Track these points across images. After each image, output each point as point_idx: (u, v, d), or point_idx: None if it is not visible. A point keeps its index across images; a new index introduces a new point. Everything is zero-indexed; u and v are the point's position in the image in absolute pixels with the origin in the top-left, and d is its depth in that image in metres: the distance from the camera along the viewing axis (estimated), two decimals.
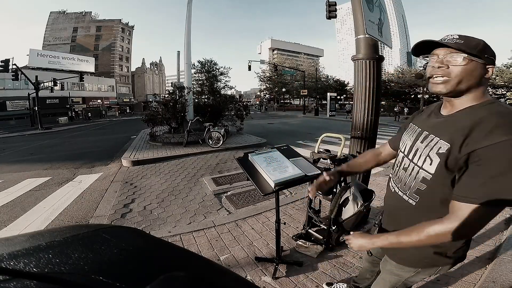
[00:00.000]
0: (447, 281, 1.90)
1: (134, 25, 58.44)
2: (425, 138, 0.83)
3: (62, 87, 26.91)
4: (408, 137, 0.93)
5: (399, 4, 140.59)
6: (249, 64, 23.71)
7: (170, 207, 3.59)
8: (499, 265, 1.96)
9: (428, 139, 0.81)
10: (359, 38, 2.51)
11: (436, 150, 0.77)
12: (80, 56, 44.88)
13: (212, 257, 2.31)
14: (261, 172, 1.84)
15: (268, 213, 3.16)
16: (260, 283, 1.93)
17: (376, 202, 3.37)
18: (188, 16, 9.72)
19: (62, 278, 0.30)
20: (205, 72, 20.16)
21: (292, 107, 43.74)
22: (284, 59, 65.20)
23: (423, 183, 0.81)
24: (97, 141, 11.51)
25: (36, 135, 15.97)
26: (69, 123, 29.35)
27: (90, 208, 3.67)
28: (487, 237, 2.42)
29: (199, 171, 5.39)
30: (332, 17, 8.88)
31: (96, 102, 43.18)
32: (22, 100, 31.08)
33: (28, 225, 3.20)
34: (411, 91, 31.53)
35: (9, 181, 5.12)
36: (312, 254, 2.28)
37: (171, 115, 9.43)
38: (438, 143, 0.77)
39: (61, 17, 53.76)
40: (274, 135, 11.52)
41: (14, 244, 0.36)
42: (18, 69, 18.41)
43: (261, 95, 52.23)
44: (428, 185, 0.80)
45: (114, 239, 0.41)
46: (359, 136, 2.57)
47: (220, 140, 7.71)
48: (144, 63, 67.45)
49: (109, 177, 5.20)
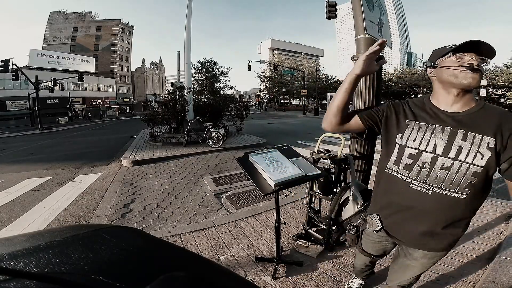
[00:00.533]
0: (447, 281, 1.90)
1: (134, 25, 58.47)
2: (466, 136, 0.91)
3: (62, 87, 26.91)
4: (432, 136, 0.95)
5: (399, 4, 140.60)
6: (249, 64, 23.72)
7: (170, 207, 3.59)
8: (499, 265, 1.97)
9: (470, 137, 0.90)
10: (359, 38, 2.51)
11: (486, 146, 0.87)
12: (80, 56, 44.85)
13: (212, 257, 2.31)
14: (261, 172, 1.84)
15: (268, 213, 3.16)
16: (260, 283, 1.93)
17: None
18: (188, 16, 9.73)
19: (62, 278, 0.30)
20: (205, 72, 20.16)
21: (292, 107, 43.76)
22: (284, 59, 65.26)
23: (474, 177, 0.89)
24: (97, 141, 11.51)
25: (36, 135, 15.98)
26: (69, 123, 29.37)
27: (90, 208, 3.67)
28: (487, 237, 2.42)
29: (199, 171, 5.39)
30: (332, 17, 8.88)
31: (96, 102, 43.18)
32: (22, 100, 31.06)
33: (28, 225, 3.20)
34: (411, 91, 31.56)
35: (9, 181, 5.12)
36: (312, 254, 2.28)
37: (171, 115, 9.44)
38: (484, 139, 0.88)
39: (61, 17, 53.75)
40: (274, 135, 11.52)
41: (14, 244, 0.36)
42: (18, 69, 18.41)
43: (261, 95, 52.26)
44: (479, 177, 0.89)
45: (114, 239, 0.41)
46: None
47: (220, 140, 7.71)
48: (144, 63, 67.46)
49: (109, 177, 5.20)
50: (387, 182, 1.07)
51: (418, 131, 0.97)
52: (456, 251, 2.19)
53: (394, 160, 1.02)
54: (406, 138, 0.99)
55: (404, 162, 0.99)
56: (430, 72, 1.01)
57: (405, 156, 0.99)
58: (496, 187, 3.67)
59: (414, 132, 0.98)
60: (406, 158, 0.99)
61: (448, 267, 2.04)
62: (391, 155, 1.03)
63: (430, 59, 1.01)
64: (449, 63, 0.91)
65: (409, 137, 0.98)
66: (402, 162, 1.00)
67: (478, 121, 0.91)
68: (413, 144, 0.97)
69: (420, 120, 0.99)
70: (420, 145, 0.96)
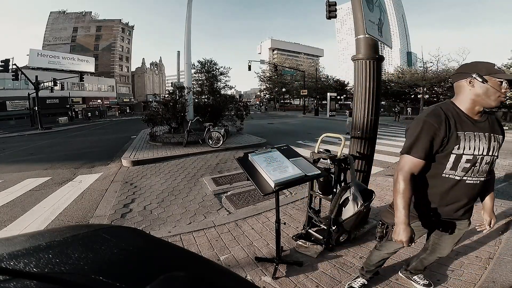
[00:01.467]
0: (447, 281, 1.90)
1: (134, 25, 58.43)
2: (495, 138, 1.23)
3: (62, 87, 26.91)
4: (480, 142, 1.20)
5: (399, 4, 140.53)
6: (249, 64, 23.71)
7: (170, 207, 3.59)
8: (499, 265, 1.97)
9: (496, 138, 1.23)
10: (359, 38, 2.51)
11: (499, 141, 1.25)
12: (80, 56, 44.85)
13: (212, 257, 2.31)
14: (261, 172, 1.84)
15: (268, 213, 3.16)
16: (260, 283, 1.93)
17: (376, 202, 3.37)
18: (188, 16, 9.72)
19: (62, 278, 0.30)
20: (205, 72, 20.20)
21: (292, 107, 43.79)
22: (284, 59, 65.16)
23: (493, 164, 1.26)
24: (97, 141, 11.51)
25: (36, 135, 15.98)
26: (69, 123, 29.35)
27: (90, 208, 3.67)
28: (487, 237, 2.42)
29: (199, 171, 5.39)
30: (332, 17, 8.89)
31: (96, 102, 43.17)
32: (22, 100, 31.07)
33: (28, 225, 3.20)
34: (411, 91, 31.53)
35: (9, 181, 5.12)
36: (312, 254, 2.28)
37: (171, 115, 9.43)
38: (499, 137, 1.25)
39: (61, 17, 53.73)
40: (274, 135, 11.53)
41: (14, 244, 0.36)
42: (18, 69, 18.41)
43: (261, 95, 52.23)
44: (496, 162, 1.28)
45: (114, 239, 0.41)
46: (359, 136, 2.57)
47: (220, 140, 7.71)
48: (144, 63, 67.39)
49: (109, 177, 5.20)
50: (445, 183, 1.27)
51: (470, 141, 1.19)
52: (456, 251, 2.19)
53: (450, 167, 1.23)
54: (463, 148, 1.19)
55: (462, 167, 1.21)
56: (470, 82, 1.17)
57: (462, 162, 1.20)
58: (496, 187, 3.67)
59: (467, 142, 1.19)
60: (463, 163, 1.21)
61: (448, 267, 2.04)
62: (446, 163, 1.23)
63: (477, 72, 1.14)
64: (496, 86, 1.12)
65: (465, 146, 1.19)
66: (459, 167, 1.21)
67: (494, 126, 1.26)
68: (469, 152, 1.19)
69: (466, 130, 1.20)
70: (474, 151, 1.19)
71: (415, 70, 31.31)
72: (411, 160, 1.23)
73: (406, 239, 1.21)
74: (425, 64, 25.67)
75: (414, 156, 1.22)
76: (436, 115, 1.20)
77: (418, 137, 1.20)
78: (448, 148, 1.20)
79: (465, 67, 1.23)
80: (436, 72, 25.87)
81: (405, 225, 1.21)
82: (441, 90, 29.19)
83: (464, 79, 1.19)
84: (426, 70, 25.85)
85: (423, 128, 1.19)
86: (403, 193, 1.22)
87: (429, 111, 1.24)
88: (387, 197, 3.61)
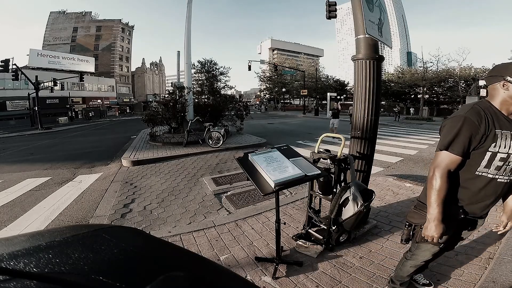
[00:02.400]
0: (447, 281, 1.90)
1: (134, 25, 58.45)
2: None
3: (62, 87, 26.93)
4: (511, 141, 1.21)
5: (399, 4, 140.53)
6: (249, 64, 23.73)
7: (170, 207, 3.59)
8: (499, 265, 1.97)
9: None
10: (359, 38, 2.51)
11: None
12: (80, 56, 44.84)
13: (212, 257, 2.31)
14: (261, 172, 1.84)
15: (268, 213, 3.16)
16: (260, 283, 1.93)
17: (376, 202, 3.37)
18: (188, 16, 9.72)
19: (62, 278, 0.30)
20: (205, 72, 20.23)
21: (292, 107, 43.74)
22: (284, 59, 65.21)
23: None
24: (97, 141, 11.51)
25: (36, 135, 15.98)
26: (69, 123, 29.35)
27: (90, 208, 3.67)
28: (487, 237, 2.42)
29: (199, 171, 5.39)
30: (332, 17, 8.88)
31: (96, 102, 43.16)
32: (22, 100, 31.06)
33: (28, 225, 3.20)
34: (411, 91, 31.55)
35: (9, 181, 5.12)
36: (312, 254, 2.28)
37: (171, 115, 9.43)
38: None
39: (61, 17, 53.74)
40: (274, 135, 11.53)
41: (14, 244, 0.36)
42: (18, 69, 18.41)
43: (261, 95, 52.24)
44: None
45: (114, 239, 0.41)
46: (359, 136, 2.57)
47: (220, 140, 7.71)
48: (144, 63, 67.38)
49: (109, 177, 5.20)
50: (477, 181, 1.26)
51: (506, 139, 1.18)
52: (456, 251, 2.19)
53: (484, 165, 1.22)
54: (499, 146, 1.18)
55: (495, 165, 1.21)
56: (503, 85, 1.18)
57: (496, 160, 1.20)
58: None
59: (503, 140, 1.18)
60: (497, 161, 1.20)
61: (448, 267, 2.04)
62: (481, 161, 1.22)
63: (510, 75, 1.16)
64: None
65: (501, 145, 1.19)
66: (493, 165, 1.21)
67: None
68: (504, 150, 1.18)
69: (503, 128, 1.19)
70: (509, 150, 1.18)
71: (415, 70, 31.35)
72: (449, 156, 1.23)
73: (438, 234, 1.23)
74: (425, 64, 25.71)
75: (453, 152, 1.22)
76: (476, 112, 1.20)
77: (457, 133, 1.20)
78: (485, 146, 1.20)
79: (497, 69, 1.23)
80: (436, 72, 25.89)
81: (438, 221, 1.23)
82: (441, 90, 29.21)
83: (497, 82, 1.20)
84: (426, 70, 25.87)
85: (464, 124, 1.19)
86: (439, 189, 1.23)
87: (468, 109, 1.23)
88: (387, 197, 3.61)
